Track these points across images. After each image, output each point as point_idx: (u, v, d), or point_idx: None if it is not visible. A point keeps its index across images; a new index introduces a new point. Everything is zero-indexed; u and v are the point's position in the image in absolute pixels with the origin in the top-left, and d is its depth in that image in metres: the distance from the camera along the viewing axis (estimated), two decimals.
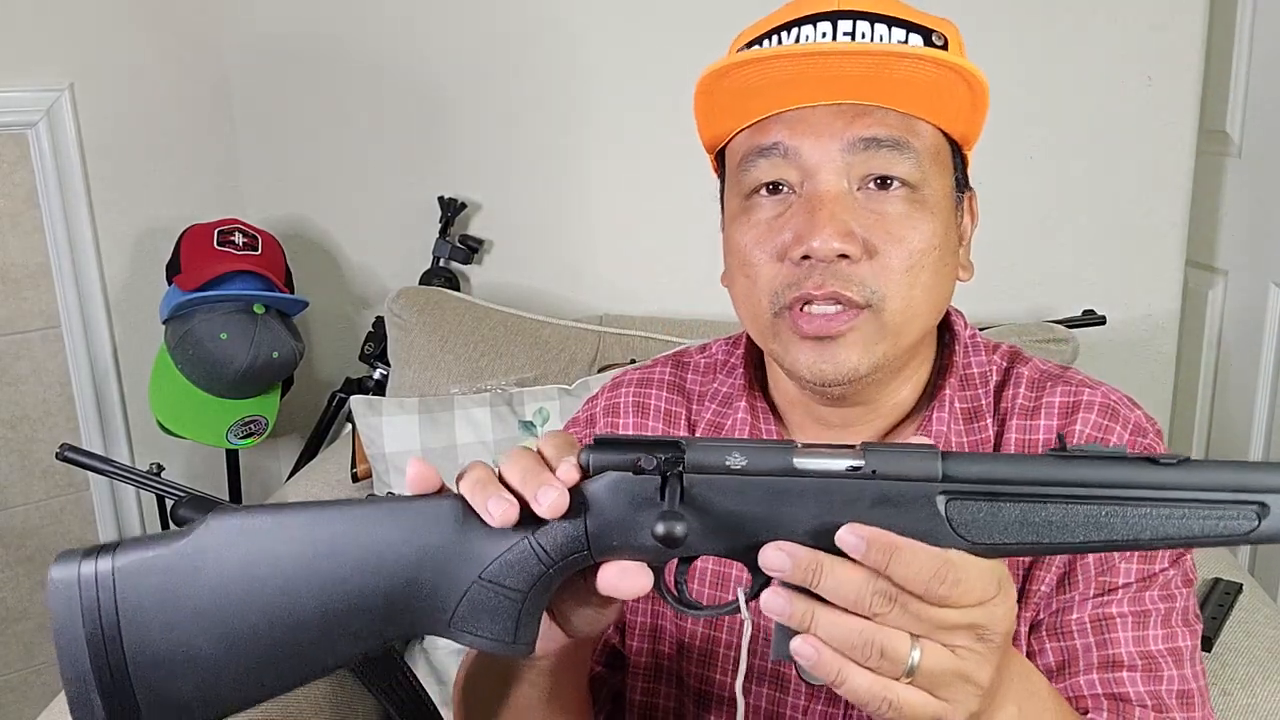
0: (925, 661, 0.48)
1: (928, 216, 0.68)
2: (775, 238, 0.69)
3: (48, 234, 1.71)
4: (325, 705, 1.14)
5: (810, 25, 0.68)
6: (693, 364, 0.86)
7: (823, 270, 0.66)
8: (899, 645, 0.48)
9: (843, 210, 0.66)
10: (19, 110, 1.65)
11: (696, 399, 0.83)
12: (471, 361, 1.52)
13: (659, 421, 0.83)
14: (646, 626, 0.82)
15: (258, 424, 1.72)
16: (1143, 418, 0.74)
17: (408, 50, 1.81)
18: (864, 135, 0.67)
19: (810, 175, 0.68)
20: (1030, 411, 0.75)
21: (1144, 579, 0.71)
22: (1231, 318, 1.77)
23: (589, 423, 0.86)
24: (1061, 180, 1.65)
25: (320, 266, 1.94)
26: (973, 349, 0.78)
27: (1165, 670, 0.70)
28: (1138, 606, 0.71)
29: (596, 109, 1.76)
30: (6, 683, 1.78)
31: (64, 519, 1.80)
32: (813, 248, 0.66)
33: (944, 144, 0.71)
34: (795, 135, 0.68)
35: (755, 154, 0.69)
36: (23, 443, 1.74)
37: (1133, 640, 0.70)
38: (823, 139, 0.67)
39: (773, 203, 0.69)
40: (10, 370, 1.72)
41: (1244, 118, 1.70)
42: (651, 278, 1.79)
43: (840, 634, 0.48)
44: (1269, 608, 1.14)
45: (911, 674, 0.48)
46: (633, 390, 0.85)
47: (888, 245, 0.67)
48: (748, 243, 0.70)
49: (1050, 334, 1.48)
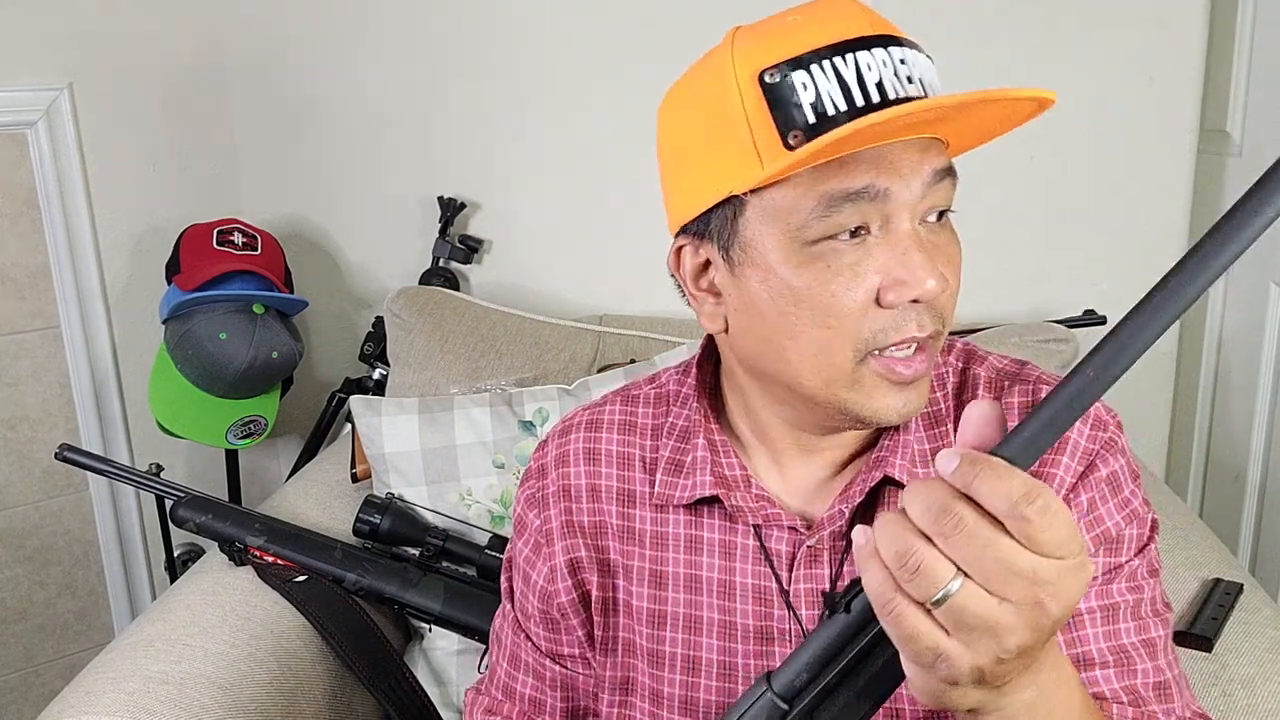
0: (960, 597, 0.44)
1: (957, 239, 0.69)
2: (863, 283, 0.65)
3: (47, 234, 1.71)
4: (325, 705, 1.14)
5: (866, 51, 0.63)
6: (642, 396, 0.84)
7: (920, 310, 0.65)
8: (939, 570, 0.44)
9: (928, 247, 0.65)
10: (18, 110, 1.65)
11: (650, 434, 0.82)
12: (471, 361, 1.52)
13: (611, 466, 0.81)
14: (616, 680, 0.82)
15: (257, 424, 1.72)
16: (1102, 411, 0.74)
17: (408, 50, 1.81)
18: (938, 168, 0.65)
19: (894, 215, 0.65)
20: None
21: (1109, 571, 0.71)
22: (1231, 318, 1.77)
23: (540, 474, 0.84)
24: (1062, 180, 1.65)
25: (320, 266, 1.94)
26: None
27: (1139, 663, 0.69)
28: (1105, 600, 0.70)
29: (597, 109, 1.76)
30: (6, 683, 1.78)
31: (63, 519, 1.80)
32: (927, 290, 0.63)
33: None
34: (882, 175, 0.63)
35: (843, 199, 0.63)
36: (22, 443, 1.74)
37: (1103, 636, 0.70)
38: (906, 178, 0.64)
39: (852, 247, 0.65)
40: (10, 370, 1.71)
41: (1244, 118, 1.70)
42: (651, 278, 1.78)
43: (887, 538, 0.45)
44: (1269, 608, 1.14)
45: (938, 604, 0.44)
46: (582, 436, 0.83)
47: (952, 274, 0.67)
48: (833, 290, 0.65)
49: (1050, 334, 1.48)
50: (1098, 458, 0.72)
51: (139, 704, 0.98)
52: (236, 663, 1.08)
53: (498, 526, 1.36)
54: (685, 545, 0.78)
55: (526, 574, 0.85)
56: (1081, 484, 0.71)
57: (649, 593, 0.79)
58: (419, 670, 1.32)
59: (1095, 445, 0.72)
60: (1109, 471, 0.72)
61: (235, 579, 1.22)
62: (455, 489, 1.36)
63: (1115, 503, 0.72)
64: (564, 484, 0.82)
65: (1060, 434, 0.45)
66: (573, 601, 0.82)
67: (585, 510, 0.82)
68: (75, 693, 1.01)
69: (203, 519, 1.26)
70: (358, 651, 1.18)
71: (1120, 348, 0.43)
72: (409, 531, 1.31)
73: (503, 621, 0.89)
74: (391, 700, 1.19)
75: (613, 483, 0.81)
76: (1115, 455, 0.72)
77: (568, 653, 0.85)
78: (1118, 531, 0.72)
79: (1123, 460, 0.73)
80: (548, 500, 0.83)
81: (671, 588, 0.78)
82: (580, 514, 0.82)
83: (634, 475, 0.81)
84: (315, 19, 1.83)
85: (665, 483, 0.78)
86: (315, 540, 1.27)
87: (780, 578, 0.75)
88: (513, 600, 0.88)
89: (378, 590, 1.25)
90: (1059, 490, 0.71)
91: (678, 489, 0.78)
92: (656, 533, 0.79)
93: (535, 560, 0.84)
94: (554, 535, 0.82)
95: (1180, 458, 1.88)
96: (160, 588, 1.91)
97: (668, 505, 0.79)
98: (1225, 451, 1.79)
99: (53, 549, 1.79)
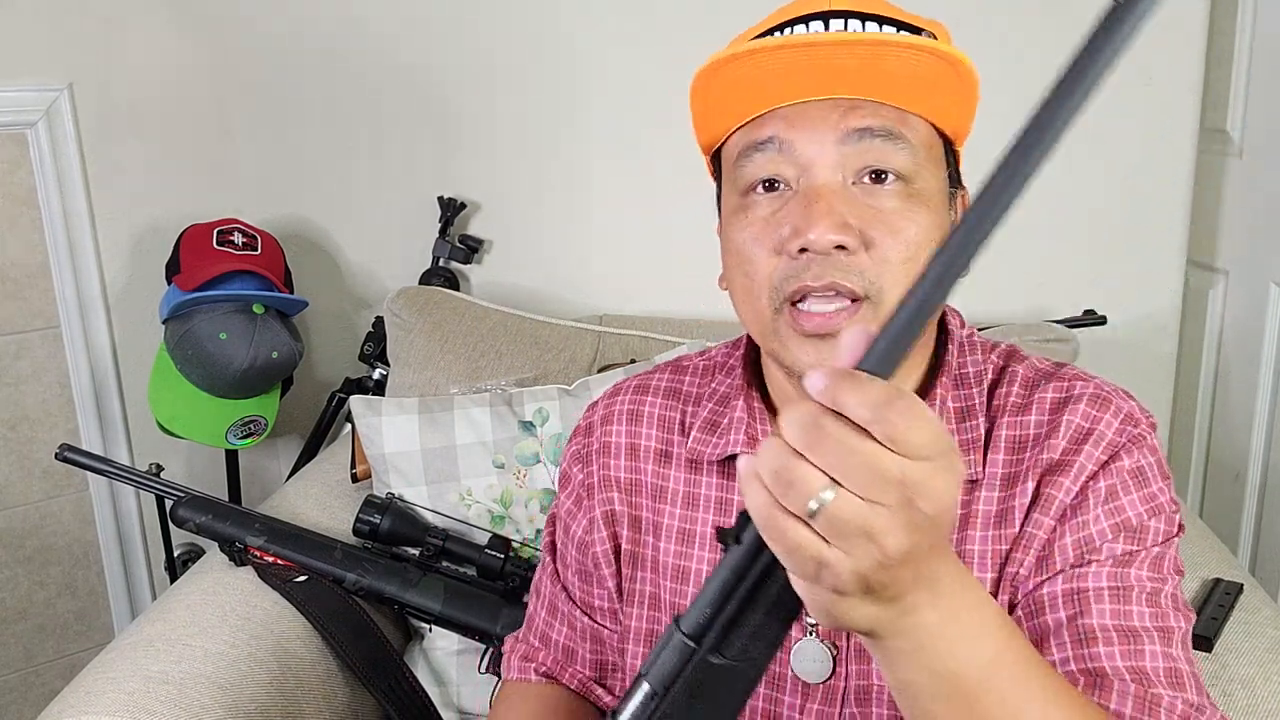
0: (834, 505, 0.44)
1: (923, 209, 0.69)
2: (773, 233, 0.69)
3: (47, 234, 1.71)
4: (325, 705, 1.14)
5: (803, 25, 0.69)
6: (691, 366, 0.87)
7: (820, 262, 0.67)
8: (811, 480, 0.44)
9: (839, 203, 0.67)
10: (18, 110, 1.65)
11: (694, 400, 0.84)
12: (471, 361, 1.52)
13: (652, 427, 0.85)
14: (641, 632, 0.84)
15: (257, 424, 1.72)
16: (1136, 409, 0.74)
17: (408, 50, 1.81)
18: (857, 126, 0.67)
19: (806, 169, 0.68)
20: (1021, 409, 0.75)
21: (1127, 554, 0.70)
22: (1231, 318, 1.77)
23: (587, 431, 0.88)
24: (1061, 180, 1.65)
25: (320, 266, 1.94)
26: (968, 348, 0.78)
27: (1148, 645, 0.66)
28: (1118, 582, 0.69)
29: (597, 109, 1.76)
30: (6, 683, 1.78)
31: (63, 519, 1.80)
32: (810, 240, 0.66)
33: (936, 138, 0.72)
34: (790, 129, 0.68)
35: (751, 149, 0.70)
36: (22, 443, 1.74)
37: (1110, 613, 0.68)
38: (818, 131, 0.68)
39: (769, 199, 0.70)
40: (10, 370, 1.72)
41: (1244, 118, 1.70)
42: (651, 278, 1.79)
43: (765, 460, 0.46)
44: (1269, 608, 1.14)
45: (814, 515, 0.45)
46: (629, 398, 0.87)
47: (885, 237, 0.67)
48: (746, 239, 0.70)
49: (1050, 334, 1.48)
50: (1123, 449, 0.72)
51: (139, 704, 0.98)
52: (236, 663, 1.08)
53: (498, 526, 1.36)
54: (715, 506, 0.81)
55: (567, 525, 0.88)
56: (1103, 471, 0.71)
57: (676, 549, 0.82)
58: (419, 670, 1.32)
59: (1122, 438, 0.72)
60: (1134, 465, 0.72)
61: (235, 579, 1.22)
62: (455, 489, 1.36)
63: (1140, 495, 0.71)
64: (606, 440, 0.86)
65: (910, 344, 0.45)
66: (605, 553, 0.86)
67: (624, 467, 0.85)
68: (75, 693, 1.01)
69: (203, 519, 1.26)
70: (358, 651, 1.18)
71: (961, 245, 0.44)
72: (409, 531, 1.31)
73: (542, 573, 0.93)
74: (391, 700, 1.19)
75: (651, 443, 0.85)
76: (1143, 451, 0.72)
77: (597, 605, 0.88)
78: (1139, 521, 0.71)
79: (1152, 459, 0.72)
80: (591, 456, 0.87)
81: (699, 546, 0.81)
82: (619, 470, 0.85)
83: (673, 438, 0.84)
84: (315, 19, 1.83)
85: (699, 439, 0.81)
86: (315, 540, 1.27)
87: None
88: (554, 553, 0.92)
89: (378, 590, 1.25)
90: (1078, 477, 0.71)
91: (710, 445, 0.80)
92: (689, 493, 0.82)
93: (576, 513, 0.87)
94: (594, 489, 0.86)
95: (1180, 458, 1.88)
96: (160, 588, 1.91)
97: (701, 463, 0.81)
98: (1225, 451, 1.79)
99: (53, 549, 1.79)
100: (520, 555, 1.33)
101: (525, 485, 1.35)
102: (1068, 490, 0.71)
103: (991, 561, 0.73)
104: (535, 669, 0.92)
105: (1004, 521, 0.73)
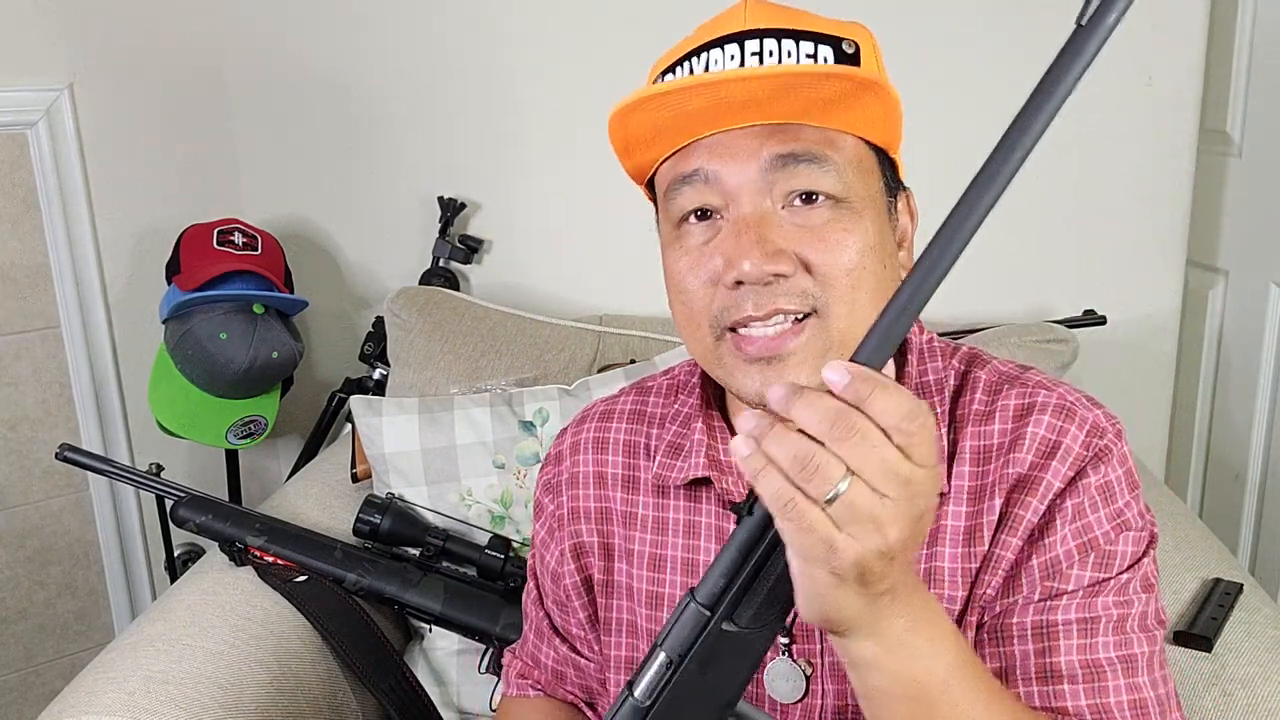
0: (850, 493, 0.48)
1: (858, 222, 0.68)
2: (707, 263, 0.69)
3: (47, 234, 1.71)
4: (325, 705, 1.14)
5: (719, 49, 0.68)
6: (655, 387, 0.87)
7: (759, 292, 0.66)
8: (834, 470, 0.48)
9: (769, 230, 0.66)
10: (19, 110, 1.65)
11: (658, 422, 0.84)
12: (471, 361, 1.52)
13: (618, 455, 0.84)
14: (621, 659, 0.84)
15: (257, 424, 1.72)
16: (1101, 417, 0.72)
17: (408, 50, 1.81)
18: (780, 152, 0.66)
19: (733, 199, 0.68)
20: (984, 417, 0.74)
21: (1094, 584, 0.69)
22: (1231, 318, 1.77)
23: (557, 460, 0.88)
24: (1061, 180, 1.65)
25: (320, 266, 1.94)
26: (928, 354, 0.77)
27: (1111, 680, 0.67)
28: (1086, 614, 0.69)
29: (597, 109, 1.75)
30: (6, 683, 1.78)
31: (64, 519, 1.80)
32: (744, 271, 0.65)
33: (867, 151, 0.70)
34: (714, 160, 0.68)
35: (679, 182, 0.69)
36: (22, 443, 1.74)
37: (1076, 649, 0.68)
38: (740, 161, 0.67)
39: (702, 229, 0.70)
40: (10, 370, 1.72)
41: (1244, 118, 1.70)
42: (651, 278, 1.78)
43: (785, 445, 0.49)
44: (1269, 608, 1.14)
45: (831, 501, 0.48)
46: (595, 424, 0.87)
47: (823, 255, 0.67)
48: (681, 270, 0.70)
49: (1050, 334, 1.48)
50: (1089, 464, 0.70)
51: (139, 704, 0.98)
52: (236, 663, 1.08)
53: (498, 526, 1.36)
54: (684, 530, 0.80)
55: (542, 555, 0.89)
56: (1069, 489, 0.70)
57: (648, 575, 0.81)
58: (419, 670, 1.32)
59: (1088, 452, 0.71)
60: (1101, 481, 0.70)
61: (235, 579, 1.22)
62: (455, 489, 1.36)
63: (1106, 512, 0.70)
64: (574, 471, 0.86)
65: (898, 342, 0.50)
66: (575, 585, 0.85)
67: (591, 496, 0.85)
68: (75, 692, 1.01)
69: (203, 519, 1.26)
70: (358, 651, 1.19)
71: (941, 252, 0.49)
72: (409, 531, 1.31)
73: (527, 597, 0.94)
74: (391, 700, 1.19)
75: (618, 470, 0.84)
76: (1110, 464, 0.71)
77: (575, 633, 0.88)
78: (1107, 543, 0.70)
79: (1119, 470, 0.71)
80: (561, 486, 0.87)
81: (670, 570, 0.80)
82: (587, 500, 0.85)
83: (639, 463, 0.83)
84: (315, 19, 1.83)
85: (664, 464, 0.81)
86: (315, 540, 1.27)
87: None
88: (535, 579, 0.92)
89: (378, 590, 1.25)
90: (1045, 495, 0.71)
91: (674, 470, 0.80)
92: (658, 518, 0.82)
93: (549, 543, 0.88)
94: (564, 520, 0.86)
95: (1180, 457, 1.88)
96: (160, 588, 1.91)
97: (667, 488, 0.81)
98: (1225, 451, 1.79)
99: (53, 549, 1.79)
100: (520, 555, 1.33)
101: (525, 485, 1.35)
102: (1035, 509, 0.71)
103: (962, 580, 0.72)
104: (531, 686, 0.93)
105: (973, 539, 0.72)
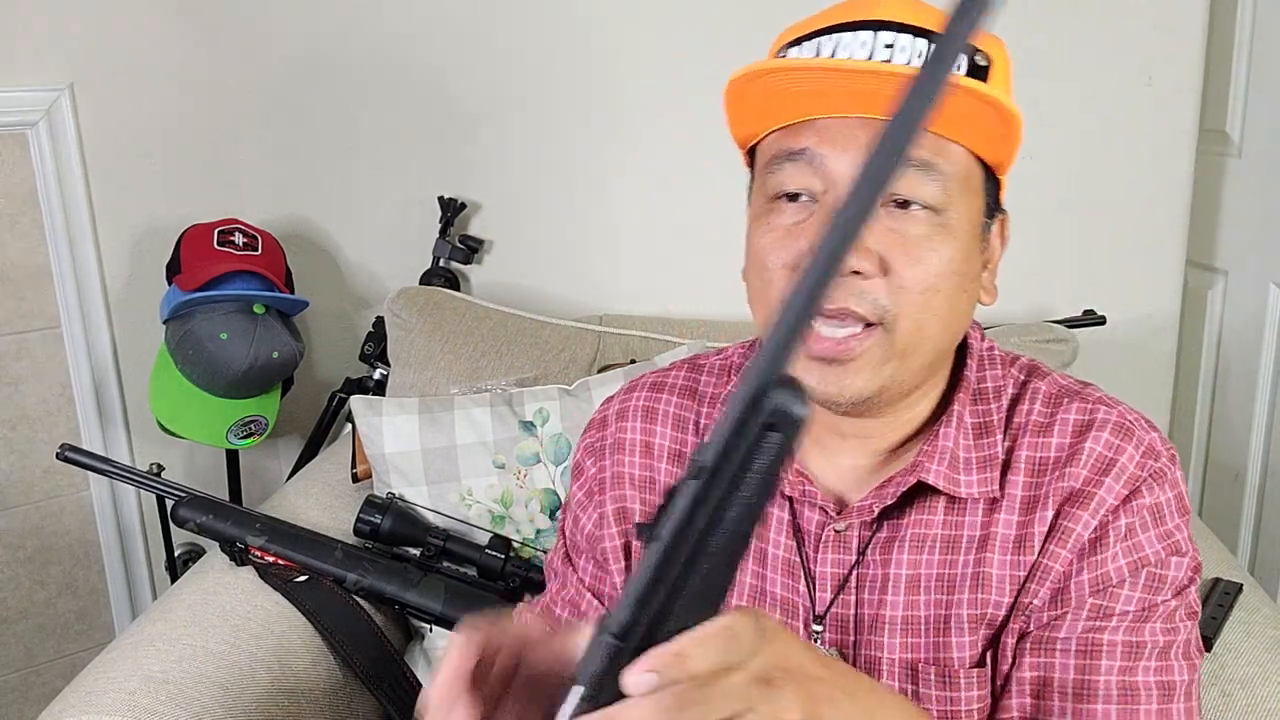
0: None
1: (949, 240, 0.68)
2: (792, 245, 0.68)
3: (48, 234, 1.71)
4: (325, 705, 1.14)
5: (851, 33, 0.67)
6: (708, 366, 0.87)
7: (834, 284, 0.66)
8: None
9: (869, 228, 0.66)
10: (19, 110, 1.65)
11: (709, 402, 0.84)
12: (471, 361, 1.52)
13: (667, 426, 0.84)
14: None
15: (258, 424, 1.72)
16: (1157, 440, 0.73)
17: (408, 50, 1.81)
18: None
19: (834, 185, 0.67)
20: (1043, 428, 0.74)
21: (1144, 609, 0.70)
22: (1231, 318, 1.77)
23: (602, 425, 0.87)
24: (1061, 180, 1.65)
25: (320, 266, 1.94)
26: (988, 363, 0.78)
27: (1144, 704, 0.68)
28: (1134, 637, 0.69)
29: (597, 109, 1.76)
30: (6, 683, 1.78)
31: (64, 519, 1.80)
32: None
33: (975, 167, 0.70)
34: (824, 143, 0.67)
35: (783, 157, 0.69)
36: (23, 443, 1.74)
37: (1118, 670, 0.68)
38: (850, 150, 0.66)
39: (794, 208, 0.69)
40: (10, 370, 1.72)
41: (1244, 118, 1.70)
42: (651, 278, 1.79)
43: None
44: (1269, 608, 1.14)
45: None
46: (645, 395, 0.86)
47: (904, 265, 0.66)
48: (765, 246, 0.70)
49: (1050, 334, 1.48)
50: (1143, 484, 0.71)
51: (139, 704, 0.98)
52: (236, 663, 1.08)
53: (498, 526, 1.36)
54: None
55: (577, 516, 0.88)
56: (1123, 507, 0.71)
57: None
58: (419, 670, 1.32)
59: (1143, 472, 0.71)
60: (1153, 501, 0.71)
61: (236, 579, 1.22)
62: (456, 489, 1.36)
63: (1157, 533, 0.71)
64: (620, 437, 0.85)
65: None
66: (615, 549, 0.85)
67: (638, 465, 0.84)
68: (76, 692, 1.01)
69: (203, 519, 1.26)
70: (358, 651, 1.19)
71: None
72: (410, 531, 1.31)
73: (554, 555, 0.93)
74: (391, 700, 1.19)
75: (666, 442, 0.84)
76: (1163, 486, 0.72)
77: (609, 593, 0.88)
78: (1158, 564, 0.70)
79: (1170, 494, 0.72)
80: (604, 451, 0.86)
81: None
82: (633, 467, 0.85)
83: (687, 438, 0.83)
84: (316, 18, 1.83)
85: None
86: (316, 540, 1.27)
87: (806, 555, 0.76)
88: (565, 537, 0.91)
89: (378, 590, 1.25)
90: (1097, 510, 0.71)
91: None
92: None
93: (587, 505, 0.87)
94: (606, 484, 0.85)
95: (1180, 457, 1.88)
96: (160, 588, 1.91)
97: None
98: (1225, 451, 1.79)
99: (53, 549, 1.80)
100: (521, 555, 1.33)
101: (526, 485, 1.35)
102: (1086, 524, 0.71)
103: (1010, 586, 0.73)
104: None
105: (1022, 547, 0.73)
